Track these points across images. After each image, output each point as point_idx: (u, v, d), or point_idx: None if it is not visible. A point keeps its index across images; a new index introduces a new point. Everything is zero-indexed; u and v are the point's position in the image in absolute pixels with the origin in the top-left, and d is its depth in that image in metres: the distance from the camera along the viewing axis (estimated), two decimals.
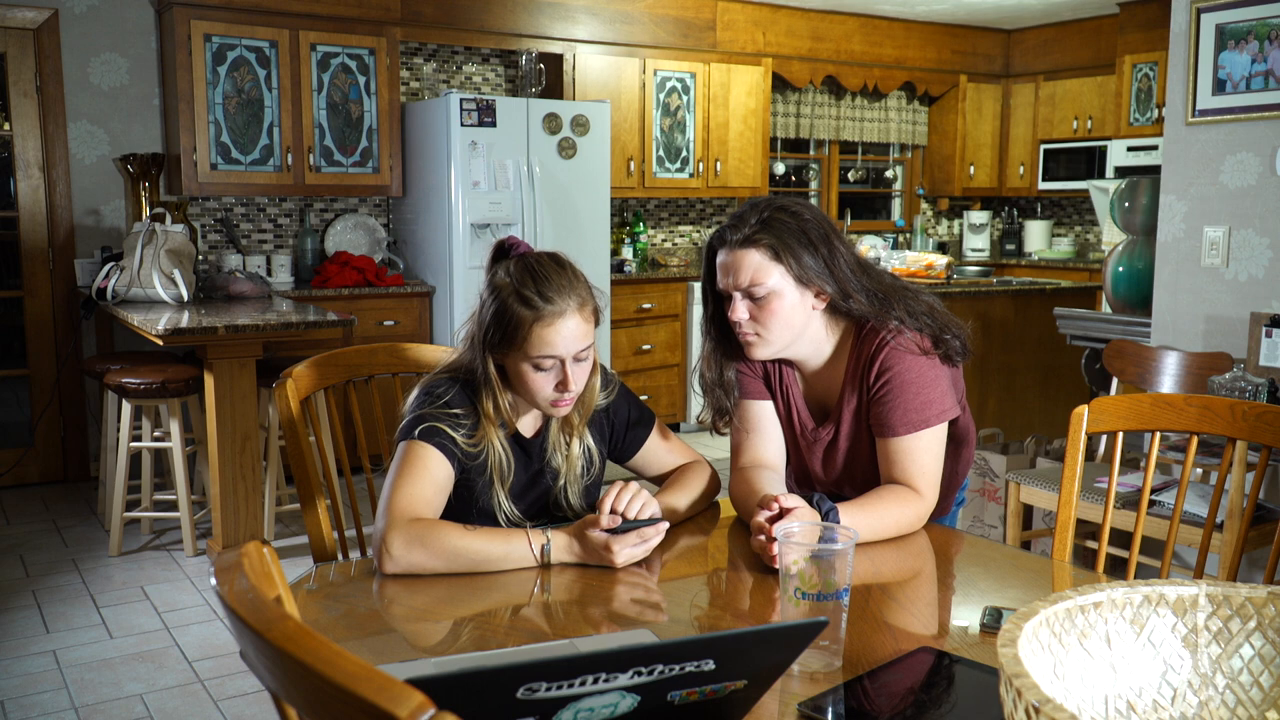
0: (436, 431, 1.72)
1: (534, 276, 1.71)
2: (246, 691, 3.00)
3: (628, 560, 1.60)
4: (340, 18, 5.33)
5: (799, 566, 1.25)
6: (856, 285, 1.80)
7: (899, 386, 1.79)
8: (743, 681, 1.06)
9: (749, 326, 1.80)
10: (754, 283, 1.76)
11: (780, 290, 1.77)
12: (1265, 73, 3.32)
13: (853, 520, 1.66)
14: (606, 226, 5.75)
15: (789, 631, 1.04)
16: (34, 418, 5.13)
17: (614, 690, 1.01)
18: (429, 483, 1.69)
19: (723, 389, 1.94)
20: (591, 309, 1.76)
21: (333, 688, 0.69)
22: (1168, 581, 1.03)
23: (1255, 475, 1.77)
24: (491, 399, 1.76)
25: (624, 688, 1.01)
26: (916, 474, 1.79)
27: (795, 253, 1.76)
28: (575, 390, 1.74)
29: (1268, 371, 3.07)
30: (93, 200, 5.15)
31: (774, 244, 1.76)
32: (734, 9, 6.60)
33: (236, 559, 0.92)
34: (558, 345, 1.69)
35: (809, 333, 1.84)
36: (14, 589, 3.80)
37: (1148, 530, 2.91)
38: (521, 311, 1.69)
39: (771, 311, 1.78)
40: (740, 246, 1.77)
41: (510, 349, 1.72)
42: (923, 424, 1.78)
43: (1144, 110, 6.58)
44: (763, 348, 1.82)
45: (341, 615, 1.48)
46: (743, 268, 1.77)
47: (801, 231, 1.77)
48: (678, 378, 6.33)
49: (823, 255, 1.78)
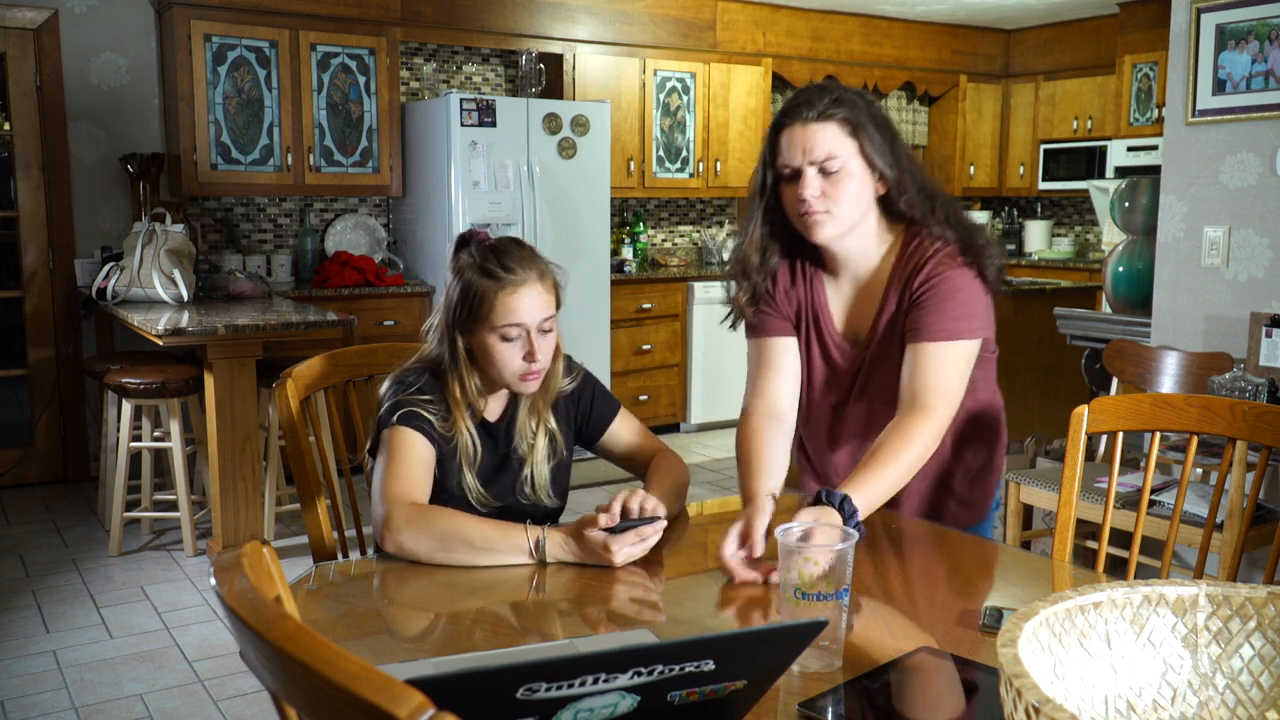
0: (414, 415, 1.80)
1: (495, 252, 1.80)
2: (246, 691, 3.00)
3: (626, 559, 1.61)
4: (340, 18, 5.33)
5: (799, 566, 1.25)
6: (913, 178, 1.80)
7: (942, 293, 1.77)
8: (742, 681, 1.06)
9: (819, 203, 1.76)
10: (829, 156, 1.74)
11: (852, 168, 1.76)
12: (1265, 73, 3.32)
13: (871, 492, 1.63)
14: (606, 226, 5.75)
15: (789, 631, 1.04)
16: (34, 418, 5.12)
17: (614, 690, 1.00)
18: (417, 464, 1.77)
19: (764, 273, 1.90)
20: (552, 281, 1.83)
21: (333, 688, 0.69)
22: (1168, 581, 1.03)
23: (1255, 475, 1.77)
24: (459, 381, 1.82)
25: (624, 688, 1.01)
26: (936, 386, 1.74)
27: (868, 132, 1.76)
28: (542, 362, 1.80)
29: (1268, 371, 3.07)
30: (93, 200, 5.15)
31: (850, 120, 1.75)
32: (734, 9, 6.60)
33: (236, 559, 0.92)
34: (520, 313, 1.76)
35: (865, 224, 1.83)
36: (14, 589, 3.80)
37: (1148, 530, 2.91)
38: (485, 283, 1.77)
39: (843, 188, 1.76)
40: (817, 120, 1.75)
41: (477, 323, 1.79)
42: (958, 334, 1.76)
43: (1144, 110, 6.58)
44: (830, 225, 1.78)
45: (341, 615, 1.48)
46: (819, 141, 1.75)
47: (872, 114, 1.78)
48: (678, 378, 6.33)
49: (888, 140, 1.78)
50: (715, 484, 5.27)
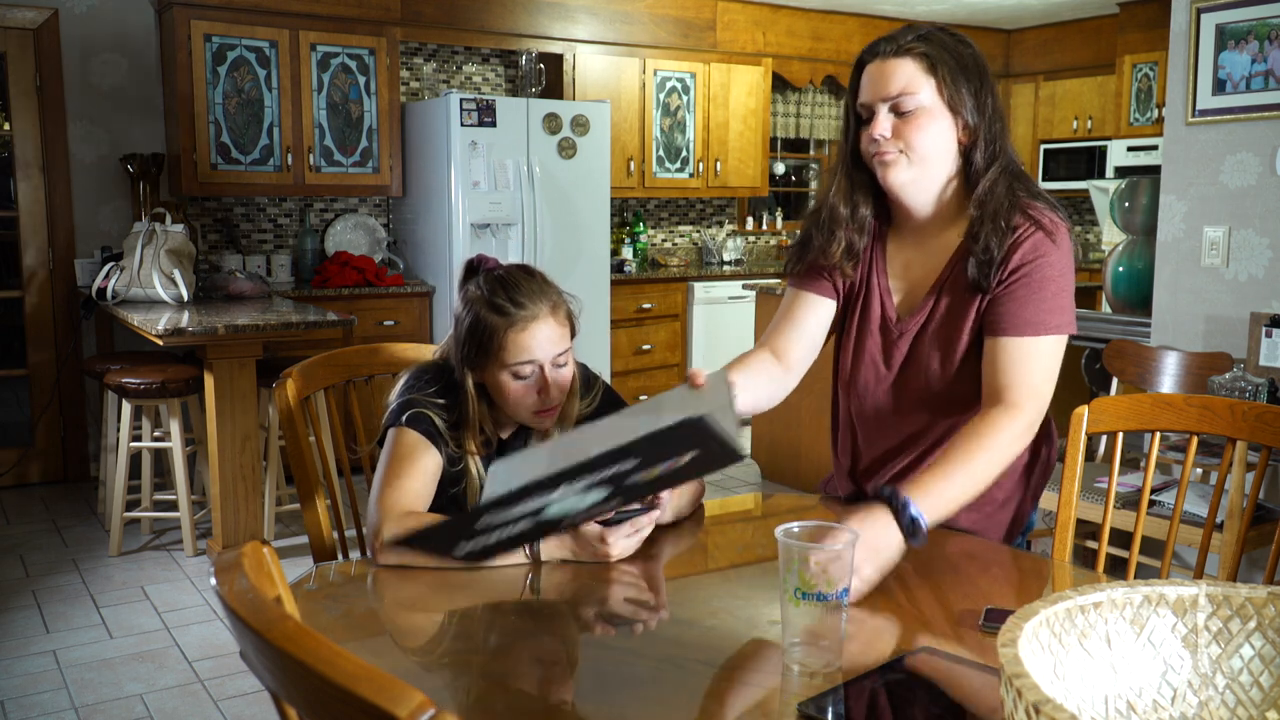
0: (424, 418, 1.73)
1: (504, 285, 1.72)
2: (246, 691, 3.00)
3: (622, 552, 1.57)
4: (340, 18, 5.33)
5: (798, 566, 1.25)
6: (1000, 132, 1.65)
7: (1036, 282, 1.61)
8: (688, 454, 1.30)
9: (890, 144, 1.63)
10: (904, 92, 1.61)
11: (929, 108, 1.62)
12: (1265, 73, 3.32)
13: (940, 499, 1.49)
14: (606, 226, 5.75)
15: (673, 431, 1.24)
16: (34, 418, 5.12)
17: (578, 494, 1.32)
18: (418, 474, 1.70)
19: (858, 224, 1.75)
20: (565, 312, 1.76)
21: (333, 688, 0.69)
22: (1168, 581, 1.03)
23: (1255, 475, 1.77)
24: (473, 423, 1.74)
25: (590, 485, 1.30)
26: (1025, 383, 1.60)
27: (951, 71, 1.62)
28: (557, 399, 1.74)
29: (1268, 371, 3.08)
30: (93, 200, 5.14)
31: (931, 56, 1.62)
32: (734, 9, 6.60)
33: (236, 559, 0.92)
34: (534, 350, 1.70)
35: (942, 175, 1.67)
36: (14, 589, 3.80)
37: (1148, 530, 2.91)
38: (495, 320, 1.70)
39: (917, 127, 1.62)
40: (894, 55, 1.62)
41: (488, 360, 1.72)
42: (1052, 328, 1.62)
43: (1144, 110, 6.58)
44: (902, 168, 1.65)
45: (341, 615, 1.48)
46: (894, 77, 1.62)
47: (958, 54, 1.63)
48: (678, 378, 6.33)
49: (975, 85, 1.63)
50: (715, 484, 5.27)
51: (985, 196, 1.64)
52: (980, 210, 1.64)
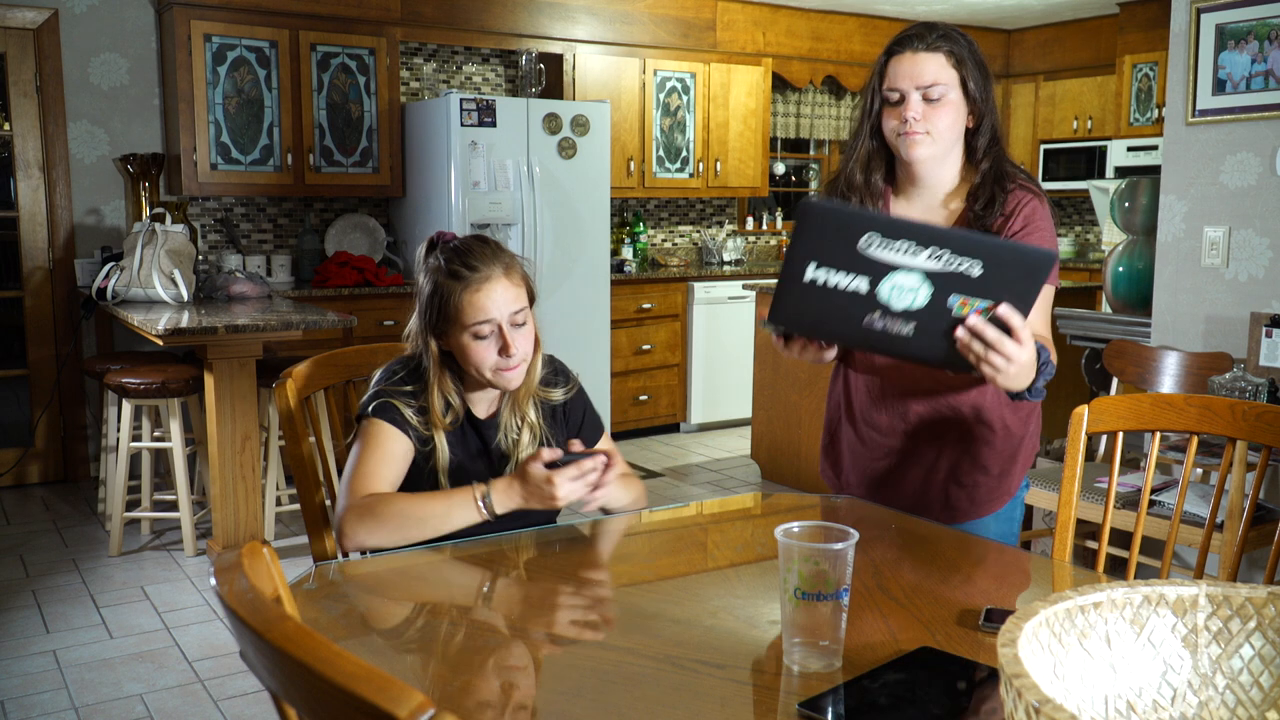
0: (390, 408, 1.83)
1: (459, 253, 1.83)
2: (246, 691, 3.00)
3: (569, 495, 1.67)
4: (340, 18, 5.33)
5: (798, 566, 1.25)
6: (996, 121, 1.94)
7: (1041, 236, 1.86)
8: (988, 303, 1.45)
9: (919, 125, 1.88)
10: (934, 83, 1.87)
11: (952, 97, 1.89)
12: (1265, 73, 3.32)
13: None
14: (606, 226, 5.75)
15: (1024, 253, 1.45)
16: (34, 418, 5.13)
17: (917, 272, 1.45)
18: (384, 459, 1.80)
19: (870, 190, 2.00)
20: (519, 274, 1.86)
21: (333, 688, 0.69)
22: (1168, 581, 1.03)
23: (1255, 475, 1.77)
24: (437, 385, 1.85)
25: (923, 270, 1.45)
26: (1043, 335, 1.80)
27: (970, 68, 1.90)
28: (519, 355, 1.82)
29: (1268, 371, 3.08)
30: (93, 200, 5.15)
31: (956, 53, 1.89)
32: (734, 9, 6.60)
33: (236, 559, 0.92)
34: (489, 309, 1.80)
35: (953, 153, 1.95)
36: (14, 589, 3.80)
37: (1148, 530, 2.91)
38: (451, 284, 1.81)
39: (942, 113, 1.89)
40: (927, 50, 1.88)
41: (449, 325, 1.82)
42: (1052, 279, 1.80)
43: (1144, 110, 6.58)
44: (926, 146, 1.90)
45: (341, 615, 1.48)
46: (926, 69, 1.87)
47: (972, 54, 1.92)
48: (678, 378, 6.33)
49: (985, 81, 1.93)
50: (715, 484, 5.27)
51: (986, 169, 1.94)
52: (983, 179, 1.93)
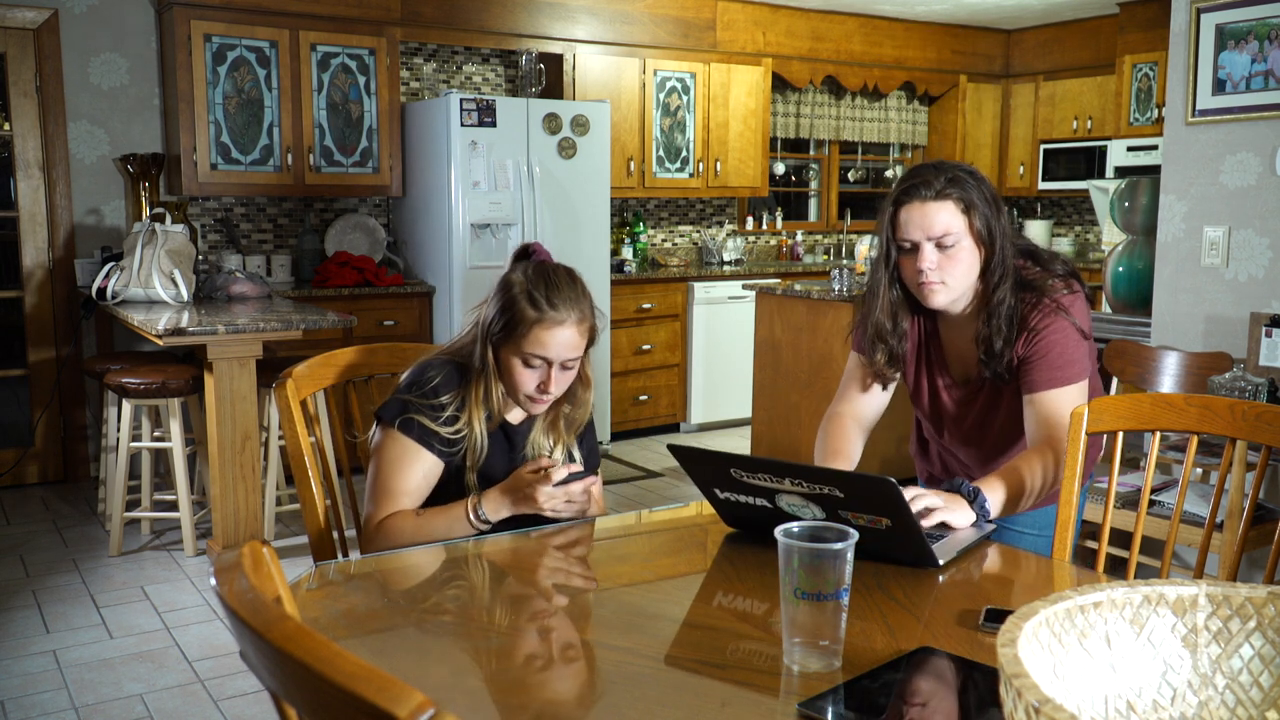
0: (415, 425, 1.86)
1: (546, 282, 1.86)
2: (246, 691, 3.00)
3: (548, 502, 1.77)
4: (340, 18, 5.33)
5: (798, 566, 1.25)
6: (1007, 245, 1.96)
7: (1043, 348, 1.94)
8: (884, 520, 1.51)
9: (934, 274, 1.92)
10: (945, 232, 1.90)
11: (964, 242, 1.92)
12: (1265, 73, 3.32)
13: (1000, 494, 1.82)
14: (606, 226, 5.75)
15: (866, 481, 1.50)
16: (34, 418, 5.13)
17: (799, 494, 1.56)
18: (406, 475, 1.86)
19: (898, 335, 2.07)
20: (589, 326, 1.90)
21: (333, 688, 0.69)
22: (1168, 581, 1.03)
23: (1255, 475, 1.77)
24: (484, 386, 1.90)
25: (804, 495, 1.55)
26: (1058, 425, 1.91)
27: (979, 210, 1.92)
28: (552, 394, 1.88)
29: (1268, 371, 3.08)
30: (93, 200, 5.15)
31: (964, 199, 1.91)
32: (734, 9, 6.60)
33: (236, 559, 0.92)
34: (550, 348, 1.84)
35: (971, 289, 1.99)
36: (14, 589, 3.80)
37: (1148, 530, 2.91)
38: (527, 310, 1.84)
39: (956, 260, 1.92)
40: (934, 199, 1.91)
41: (508, 340, 1.86)
42: (1065, 381, 1.93)
43: (1144, 110, 6.58)
44: (944, 293, 1.95)
45: (341, 615, 1.48)
46: (935, 219, 1.90)
47: (980, 191, 1.94)
48: (678, 378, 6.33)
49: (994, 213, 1.95)
50: None
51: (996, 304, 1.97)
52: (991, 313, 1.97)
